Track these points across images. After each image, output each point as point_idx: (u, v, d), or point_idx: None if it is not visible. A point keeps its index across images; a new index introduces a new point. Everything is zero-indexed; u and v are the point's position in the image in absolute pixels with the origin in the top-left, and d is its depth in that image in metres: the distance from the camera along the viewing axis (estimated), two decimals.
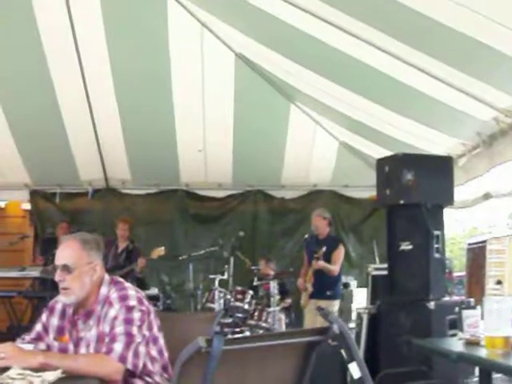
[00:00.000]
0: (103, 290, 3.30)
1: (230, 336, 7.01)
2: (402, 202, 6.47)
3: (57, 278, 3.24)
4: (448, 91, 5.74)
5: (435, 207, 6.56)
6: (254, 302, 8.50)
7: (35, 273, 8.58)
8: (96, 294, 3.30)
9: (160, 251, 8.81)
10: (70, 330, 3.33)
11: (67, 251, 3.30)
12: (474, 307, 5.69)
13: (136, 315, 3.17)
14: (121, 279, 3.44)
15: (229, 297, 8.44)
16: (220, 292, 8.46)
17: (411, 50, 5.28)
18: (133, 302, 3.20)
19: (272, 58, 7.25)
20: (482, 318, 4.15)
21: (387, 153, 7.20)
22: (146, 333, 3.20)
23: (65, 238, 3.41)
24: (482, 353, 3.87)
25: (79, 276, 3.25)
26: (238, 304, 8.38)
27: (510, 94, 5.43)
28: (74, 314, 3.34)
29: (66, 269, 3.23)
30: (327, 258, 8.05)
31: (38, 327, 3.41)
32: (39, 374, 2.67)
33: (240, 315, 8.40)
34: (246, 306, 8.37)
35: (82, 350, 3.24)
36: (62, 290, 3.25)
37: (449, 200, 6.71)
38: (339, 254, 8.25)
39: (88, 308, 3.29)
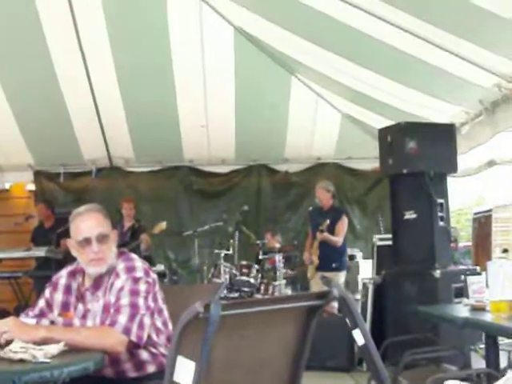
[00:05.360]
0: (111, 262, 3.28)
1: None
2: (404, 170, 6.46)
3: (95, 249, 3.16)
4: (449, 59, 5.70)
5: (438, 175, 6.55)
6: (259, 276, 8.55)
7: (41, 253, 8.59)
8: None
9: (162, 226, 8.82)
10: (76, 303, 3.30)
11: (95, 221, 3.23)
12: (479, 273, 5.69)
13: (142, 287, 3.14)
14: (127, 251, 3.42)
15: (234, 271, 8.46)
16: (225, 267, 8.50)
17: (412, 18, 5.23)
18: (139, 274, 3.19)
19: (271, 30, 7.20)
20: (488, 286, 4.16)
21: (390, 123, 7.15)
22: (152, 304, 3.18)
23: (80, 212, 3.26)
24: (487, 317, 3.88)
25: (111, 244, 3.25)
26: (244, 278, 8.41)
27: None
28: (79, 286, 3.32)
29: (103, 238, 3.20)
30: (331, 230, 8.06)
31: (41, 303, 3.37)
32: (41, 347, 2.67)
33: (246, 289, 8.44)
34: (252, 280, 8.41)
35: (89, 322, 3.22)
36: (93, 261, 3.18)
37: (452, 168, 6.70)
38: (342, 225, 8.26)
39: (97, 280, 3.26)
